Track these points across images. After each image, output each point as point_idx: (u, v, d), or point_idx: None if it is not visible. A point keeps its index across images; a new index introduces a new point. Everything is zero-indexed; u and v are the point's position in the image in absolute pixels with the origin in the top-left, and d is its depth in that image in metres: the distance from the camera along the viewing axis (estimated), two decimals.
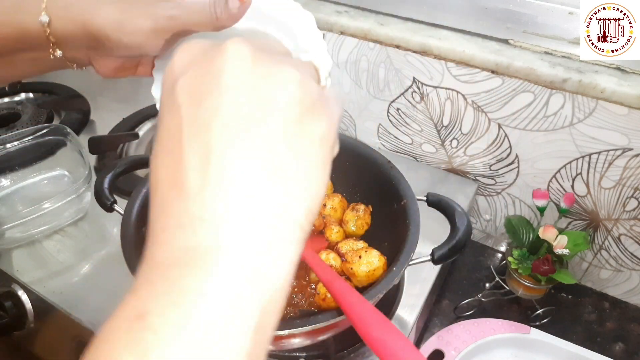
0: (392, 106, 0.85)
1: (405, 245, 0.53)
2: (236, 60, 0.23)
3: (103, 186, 0.60)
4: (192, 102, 0.23)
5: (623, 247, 0.76)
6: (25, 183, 0.84)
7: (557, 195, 0.78)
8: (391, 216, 0.60)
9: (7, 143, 0.82)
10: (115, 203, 0.60)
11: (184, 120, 0.23)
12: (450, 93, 0.77)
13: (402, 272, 0.51)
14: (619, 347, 0.75)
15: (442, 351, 0.69)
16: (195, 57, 0.25)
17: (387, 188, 0.61)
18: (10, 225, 0.72)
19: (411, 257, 0.52)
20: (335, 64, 0.86)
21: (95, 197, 0.60)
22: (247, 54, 0.24)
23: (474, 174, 0.85)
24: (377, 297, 0.49)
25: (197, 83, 0.23)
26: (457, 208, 0.57)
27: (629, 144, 0.67)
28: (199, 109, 0.23)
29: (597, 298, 0.82)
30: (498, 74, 0.71)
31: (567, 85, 0.66)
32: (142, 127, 0.98)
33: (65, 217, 0.77)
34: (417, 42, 0.75)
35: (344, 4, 0.83)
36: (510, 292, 0.79)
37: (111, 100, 1.07)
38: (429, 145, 0.86)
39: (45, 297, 0.68)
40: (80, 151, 0.81)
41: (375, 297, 0.49)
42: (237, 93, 0.23)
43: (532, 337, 0.71)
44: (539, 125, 0.72)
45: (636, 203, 0.71)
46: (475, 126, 0.78)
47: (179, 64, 0.25)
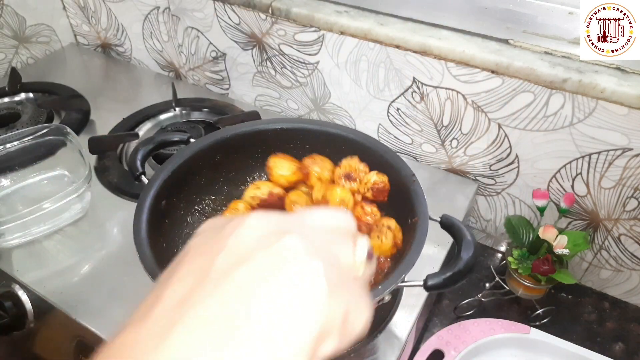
0: (392, 106, 0.85)
1: (400, 265, 0.50)
2: (244, 227, 0.25)
3: (136, 157, 0.63)
4: (196, 253, 0.25)
5: (623, 247, 0.76)
6: (25, 183, 0.84)
7: (557, 195, 0.78)
8: (403, 230, 0.59)
9: (7, 143, 0.82)
10: (144, 174, 0.62)
11: (184, 265, 0.24)
12: (450, 93, 0.77)
13: (387, 292, 0.48)
14: (619, 347, 0.75)
15: (442, 351, 0.69)
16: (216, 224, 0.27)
17: (405, 202, 0.59)
18: (10, 225, 0.72)
19: (402, 278, 0.49)
20: (335, 64, 0.86)
21: (128, 165, 0.62)
22: (257, 224, 0.25)
23: (474, 174, 0.85)
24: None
25: (205, 239, 0.26)
26: (467, 236, 0.53)
27: (629, 144, 0.67)
28: (198, 259, 0.24)
29: (597, 298, 0.82)
30: (498, 74, 0.71)
31: (567, 85, 0.66)
32: (142, 127, 0.98)
33: (65, 217, 0.77)
34: (417, 42, 0.75)
35: (344, 4, 0.83)
36: (510, 292, 0.79)
37: (111, 100, 1.07)
38: (429, 145, 0.86)
39: (45, 297, 0.68)
40: (80, 151, 0.81)
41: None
42: (229, 252, 0.24)
43: (532, 337, 0.71)
44: (539, 125, 0.72)
45: (636, 203, 0.71)
46: (475, 126, 0.78)
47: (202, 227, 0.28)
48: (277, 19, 0.86)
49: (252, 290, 0.22)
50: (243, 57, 0.98)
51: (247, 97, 1.06)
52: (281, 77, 0.96)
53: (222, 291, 0.22)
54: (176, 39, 1.06)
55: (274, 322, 0.21)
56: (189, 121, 1.00)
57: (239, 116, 0.95)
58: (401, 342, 0.64)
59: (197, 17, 0.98)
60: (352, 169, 0.62)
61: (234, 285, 0.22)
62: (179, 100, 1.02)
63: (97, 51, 1.25)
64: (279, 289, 0.22)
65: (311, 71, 0.90)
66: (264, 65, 0.96)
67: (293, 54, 0.90)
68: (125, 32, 1.15)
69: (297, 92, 0.96)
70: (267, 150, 0.71)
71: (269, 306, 0.21)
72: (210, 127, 0.95)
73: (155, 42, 1.11)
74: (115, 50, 1.21)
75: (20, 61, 1.16)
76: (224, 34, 0.97)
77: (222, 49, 1.00)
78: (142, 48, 1.15)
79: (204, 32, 1.00)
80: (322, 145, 0.70)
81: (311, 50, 0.87)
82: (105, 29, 1.18)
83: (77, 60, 1.22)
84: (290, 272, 0.23)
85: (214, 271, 0.23)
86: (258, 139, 0.69)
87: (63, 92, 1.06)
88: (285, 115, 1.02)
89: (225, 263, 0.23)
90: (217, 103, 1.04)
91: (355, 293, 0.26)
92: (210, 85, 1.10)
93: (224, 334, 0.20)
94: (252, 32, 0.92)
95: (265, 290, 0.22)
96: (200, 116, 1.02)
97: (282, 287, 0.22)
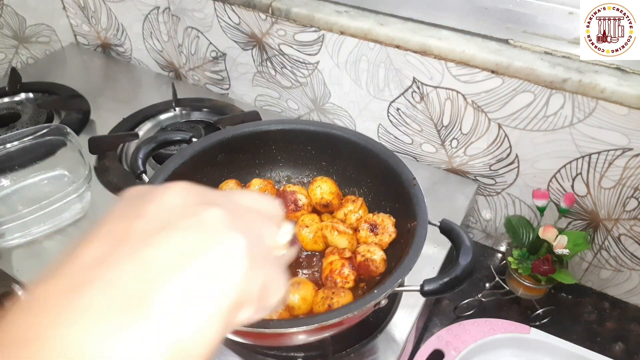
0: (392, 106, 0.85)
1: (397, 269, 0.50)
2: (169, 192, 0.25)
3: (138, 155, 0.63)
4: (117, 216, 0.24)
5: (623, 247, 0.76)
6: (25, 183, 0.84)
7: (557, 195, 0.78)
8: (404, 234, 0.59)
9: (7, 143, 0.82)
10: (145, 173, 0.62)
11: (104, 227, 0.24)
12: (450, 93, 0.77)
13: (383, 296, 0.48)
14: (619, 347, 0.75)
15: (442, 351, 0.69)
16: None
17: (405, 205, 0.59)
18: (10, 225, 0.72)
19: (399, 283, 0.49)
20: (335, 64, 0.86)
21: (129, 164, 0.62)
22: (182, 193, 0.25)
23: (474, 174, 0.85)
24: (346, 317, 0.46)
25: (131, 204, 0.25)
26: (466, 242, 0.53)
27: (629, 144, 0.67)
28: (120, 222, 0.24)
29: (597, 298, 0.82)
30: (498, 74, 0.71)
31: (567, 85, 0.66)
32: (142, 127, 0.98)
33: (65, 217, 0.77)
34: (417, 42, 0.75)
35: (344, 4, 0.83)
36: (510, 292, 0.79)
37: (111, 100, 1.07)
38: (429, 145, 0.86)
39: None
40: (80, 151, 0.81)
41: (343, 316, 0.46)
42: (151, 218, 0.23)
43: (532, 337, 0.71)
44: (539, 125, 0.72)
45: (636, 203, 0.71)
46: (475, 126, 0.78)
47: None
48: (277, 19, 0.86)
49: (169, 257, 0.22)
50: (243, 57, 0.98)
51: (247, 97, 1.06)
52: (281, 77, 0.96)
53: (139, 256, 0.21)
54: (176, 39, 1.06)
55: (190, 290, 0.21)
56: (189, 121, 1.00)
57: (239, 116, 0.95)
58: (401, 342, 0.64)
59: (197, 17, 0.98)
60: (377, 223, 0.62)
61: (151, 251, 0.22)
62: (179, 100, 1.02)
63: (97, 51, 1.25)
64: (198, 258, 0.22)
65: (311, 71, 0.90)
66: (264, 65, 0.96)
67: (293, 54, 0.90)
68: (125, 32, 1.15)
69: (297, 92, 0.96)
70: (268, 150, 0.71)
71: (186, 275, 0.21)
72: (211, 127, 0.95)
73: (155, 42, 1.11)
74: (115, 50, 1.21)
75: (20, 61, 1.16)
76: (224, 34, 0.97)
77: (222, 49, 1.00)
78: (142, 48, 1.15)
79: (204, 32, 1.00)
80: (323, 146, 0.70)
81: (311, 50, 0.87)
82: (105, 29, 1.18)
83: (77, 60, 1.22)
84: (212, 243, 0.23)
85: (133, 235, 0.22)
86: (260, 140, 0.70)
87: (63, 92, 1.06)
88: (285, 115, 1.02)
89: (145, 228, 0.23)
90: (217, 103, 1.04)
91: (274, 270, 0.27)
92: (210, 85, 1.10)
93: (137, 298, 0.20)
94: (252, 32, 0.92)
95: (184, 259, 0.22)
96: (200, 116, 1.02)
97: (201, 257, 0.22)
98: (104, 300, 0.20)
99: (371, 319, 0.65)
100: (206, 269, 0.22)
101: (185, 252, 0.22)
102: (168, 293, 0.21)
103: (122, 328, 0.19)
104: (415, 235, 0.53)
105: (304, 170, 0.73)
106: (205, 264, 0.22)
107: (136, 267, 0.21)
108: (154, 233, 0.23)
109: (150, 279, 0.21)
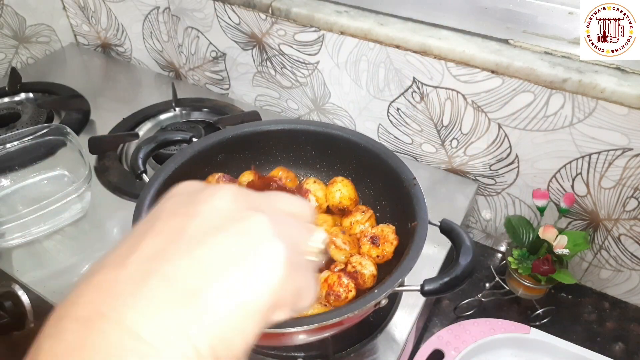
0: (392, 106, 0.85)
1: (397, 269, 0.50)
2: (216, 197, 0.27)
3: (138, 155, 0.64)
4: (171, 213, 0.27)
5: (623, 247, 0.76)
6: (25, 183, 0.84)
7: (557, 195, 0.78)
8: (404, 234, 0.59)
9: (7, 143, 0.82)
10: (145, 173, 0.62)
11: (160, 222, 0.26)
12: (450, 93, 0.77)
13: (383, 296, 0.48)
14: (619, 347, 0.75)
15: (442, 351, 0.69)
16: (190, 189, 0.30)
17: (405, 205, 0.59)
18: (10, 225, 0.72)
19: (399, 282, 0.49)
20: (335, 64, 0.86)
21: (129, 164, 0.63)
22: (231, 197, 0.27)
23: (474, 174, 0.85)
24: (346, 316, 0.47)
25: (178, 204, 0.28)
26: (466, 242, 0.53)
27: (629, 144, 0.67)
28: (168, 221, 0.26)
29: (597, 298, 0.82)
30: (498, 74, 0.71)
31: (567, 85, 0.66)
32: (142, 127, 0.98)
33: (65, 217, 0.77)
34: (417, 42, 0.75)
35: (344, 4, 0.83)
36: (510, 292, 0.79)
37: (111, 100, 1.07)
38: (429, 145, 0.86)
39: (45, 297, 0.68)
40: (80, 151, 0.81)
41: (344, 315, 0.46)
42: (203, 219, 0.26)
43: (532, 337, 0.71)
44: (539, 125, 0.72)
45: (636, 203, 0.71)
46: (475, 126, 0.78)
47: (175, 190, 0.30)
48: (277, 19, 0.86)
49: (220, 258, 0.24)
50: (243, 57, 0.98)
51: (247, 97, 1.06)
52: (281, 77, 0.96)
53: (194, 254, 0.24)
54: (176, 39, 1.06)
55: (236, 289, 0.24)
56: (189, 121, 1.00)
57: (239, 116, 0.95)
58: (401, 342, 0.64)
59: (197, 17, 0.98)
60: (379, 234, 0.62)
61: (205, 251, 0.24)
62: (179, 100, 1.02)
63: (97, 51, 1.25)
64: (244, 261, 0.25)
65: (311, 71, 0.90)
66: (264, 65, 0.96)
67: (293, 54, 0.90)
68: (125, 32, 1.15)
69: (297, 92, 0.96)
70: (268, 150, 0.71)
71: (232, 275, 0.24)
72: (211, 127, 0.95)
73: (155, 42, 1.11)
74: (115, 50, 1.21)
75: (20, 61, 1.16)
76: (224, 34, 0.97)
77: (222, 49, 1.00)
78: (142, 48, 1.15)
79: (204, 32, 1.00)
80: (323, 146, 0.70)
81: (311, 50, 0.87)
82: (105, 29, 1.18)
83: (77, 60, 1.22)
84: (257, 250, 0.25)
85: (187, 234, 0.25)
86: (260, 140, 0.69)
87: (63, 92, 1.06)
88: (285, 115, 1.02)
89: (199, 228, 0.25)
90: (217, 103, 1.04)
91: (307, 275, 0.29)
92: (210, 85, 1.10)
93: (191, 292, 0.23)
94: (252, 32, 0.92)
95: (232, 261, 0.24)
96: (200, 116, 1.02)
97: (246, 261, 0.25)
98: (164, 292, 0.23)
99: (371, 319, 0.65)
100: (250, 271, 0.25)
101: (234, 255, 0.25)
102: (216, 290, 0.23)
103: (176, 317, 0.22)
104: (416, 235, 0.53)
105: (304, 170, 0.73)
106: (249, 267, 0.25)
107: (191, 264, 0.24)
108: (208, 234, 0.25)
109: (202, 277, 0.23)
